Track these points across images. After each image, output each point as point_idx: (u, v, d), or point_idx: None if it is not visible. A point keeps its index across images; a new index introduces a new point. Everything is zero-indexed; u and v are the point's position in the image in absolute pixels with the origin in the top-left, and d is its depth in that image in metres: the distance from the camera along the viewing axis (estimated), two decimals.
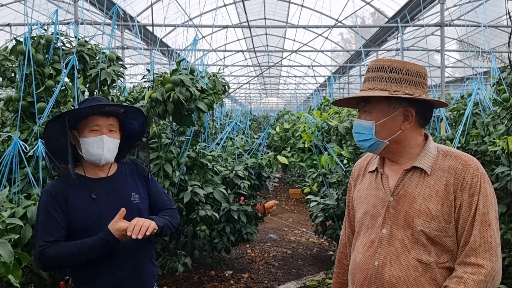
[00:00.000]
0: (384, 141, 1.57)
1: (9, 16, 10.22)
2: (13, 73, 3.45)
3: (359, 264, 1.61)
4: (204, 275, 4.86)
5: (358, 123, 1.63)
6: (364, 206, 1.67)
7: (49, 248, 1.81)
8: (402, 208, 1.55)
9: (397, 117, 1.56)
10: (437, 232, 1.48)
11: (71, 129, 1.96)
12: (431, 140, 1.63)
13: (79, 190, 1.94)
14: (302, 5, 15.24)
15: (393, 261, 1.52)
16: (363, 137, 1.60)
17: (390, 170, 1.65)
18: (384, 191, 1.62)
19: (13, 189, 2.62)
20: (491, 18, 11.81)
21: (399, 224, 1.54)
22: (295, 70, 22.21)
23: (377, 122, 1.56)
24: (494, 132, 3.49)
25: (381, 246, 1.56)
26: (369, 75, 1.60)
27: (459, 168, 1.51)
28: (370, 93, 1.54)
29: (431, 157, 1.57)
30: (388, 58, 1.62)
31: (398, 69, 1.55)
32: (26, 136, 2.98)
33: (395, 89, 1.53)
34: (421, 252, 1.49)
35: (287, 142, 6.89)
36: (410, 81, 1.54)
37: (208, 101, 3.48)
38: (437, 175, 1.53)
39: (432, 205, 1.49)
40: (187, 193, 3.72)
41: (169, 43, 14.17)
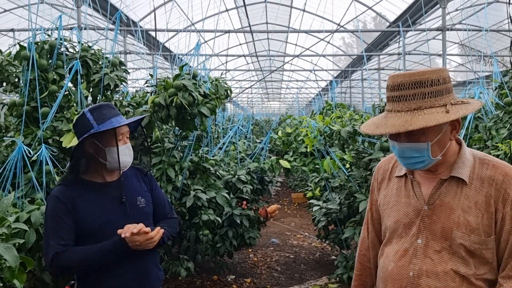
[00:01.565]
0: (438, 157, 1.48)
1: (13, 22, 10.28)
2: (17, 78, 3.47)
3: (391, 273, 1.57)
4: (207, 280, 4.86)
5: (409, 147, 1.47)
6: (394, 213, 1.62)
7: (62, 254, 1.82)
8: (439, 218, 1.50)
9: (447, 130, 1.48)
10: (477, 245, 1.44)
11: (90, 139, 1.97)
12: (465, 147, 1.56)
13: (86, 195, 1.95)
14: (304, 9, 15.29)
15: (430, 272, 1.48)
16: (415, 160, 1.48)
17: (421, 177, 1.58)
18: (416, 199, 1.56)
19: (17, 193, 2.64)
20: (493, 22, 11.82)
21: (436, 235, 1.50)
22: (297, 75, 22.26)
23: (433, 142, 1.45)
24: (497, 136, 3.49)
25: (416, 257, 1.52)
26: (406, 93, 1.44)
27: (500, 179, 1.45)
28: (434, 119, 1.39)
29: (468, 165, 1.50)
30: (419, 71, 1.46)
31: (437, 80, 1.43)
32: (30, 141, 2.99)
33: (442, 103, 1.42)
34: (459, 263, 1.46)
35: (289, 147, 6.90)
36: (447, 89, 1.45)
37: (211, 105, 3.50)
38: (475, 186, 1.47)
39: (472, 218, 1.45)
40: (190, 198, 3.72)
41: (171, 48, 14.23)
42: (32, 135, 3.05)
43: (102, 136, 1.95)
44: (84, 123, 1.96)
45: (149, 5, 10.80)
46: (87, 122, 1.94)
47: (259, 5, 15.29)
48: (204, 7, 9.58)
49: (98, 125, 1.93)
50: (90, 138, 1.95)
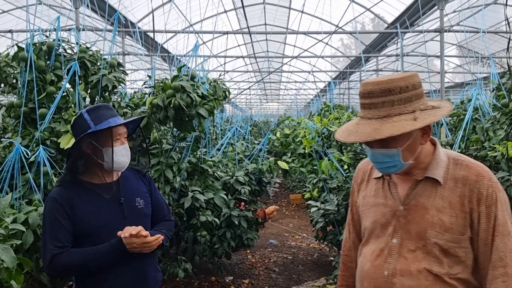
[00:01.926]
0: (409, 162, 1.51)
1: (11, 23, 10.27)
2: (14, 79, 3.47)
3: (367, 272, 1.60)
4: (205, 281, 4.86)
5: (380, 153, 1.50)
6: (372, 214, 1.64)
7: (60, 256, 1.82)
8: (414, 218, 1.52)
9: (417, 135, 1.50)
10: (451, 243, 1.47)
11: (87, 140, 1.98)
12: (440, 147, 1.59)
13: (84, 196, 1.95)
14: (302, 11, 15.30)
15: (403, 271, 1.50)
16: (387, 164, 1.51)
17: (398, 178, 1.61)
18: (393, 200, 1.59)
19: (14, 195, 2.63)
20: (490, 24, 11.85)
21: (411, 234, 1.52)
22: (295, 76, 22.28)
23: (403, 148, 1.48)
24: (494, 137, 3.50)
25: (391, 256, 1.54)
26: (376, 101, 1.46)
27: (473, 179, 1.48)
28: (398, 128, 1.42)
29: (442, 166, 1.53)
30: (385, 78, 1.49)
31: (406, 87, 1.45)
32: (28, 142, 2.99)
33: (411, 110, 1.44)
34: (433, 263, 1.48)
35: (287, 148, 6.90)
36: (417, 94, 1.47)
37: (209, 107, 3.50)
38: (450, 186, 1.50)
39: (446, 217, 1.47)
40: (188, 199, 3.72)
41: (169, 49, 14.22)
42: (30, 136, 3.05)
43: (99, 136, 1.95)
44: (81, 123, 1.96)
45: (147, 6, 10.80)
46: (85, 122, 1.95)
47: (258, 7, 15.31)
48: (203, 8, 9.58)
49: (95, 126, 1.93)
50: (87, 139, 1.95)
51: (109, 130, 1.95)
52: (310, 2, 14.43)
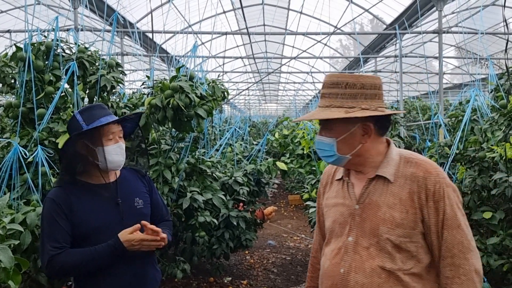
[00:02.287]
0: (346, 156, 1.60)
1: (9, 23, 10.25)
2: (13, 79, 3.47)
3: (326, 271, 1.65)
4: (203, 282, 4.85)
5: (320, 140, 1.65)
6: (333, 214, 1.70)
7: (58, 256, 1.82)
8: (368, 216, 1.58)
9: (356, 132, 1.58)
10: (402, 238, 1.52)
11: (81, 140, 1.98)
12: (393, 147, 1.66)
13: (82, 197, 1.95)
14: (301, 12, 15.31)
15: (358, 268, 1.55)
16: (326, 153, 1.63)
17: (355, 179, 1.68)
18: (350, 200, 1.65)
19: (12, 195, 2.63)
20: (489, 25, 11.87)
21: (365, 232, 1.58)
22: (294, 77, 22.28)
23: (338, 139, 1.59)
24: (492, 138, 3.50)
25: (347, 254, 1.59)
26: (325, 91, 1.61)
27: (421, 176, 1.54)
28: (327, 114, 1.56)
29: (393, 164, 1.60)
30: (342, 73, 1.63)
31: (353, 84, 1.56)
32: (26, 142, 2.99)
33: (351, 105, 1.55)
34: (386, 259, 1.53)
35: (286, 148, 6.90)
36: (365, 94, 1.56)
37: (208, 107, 3.50)
38: (400, 183, 1.56)
39: (397, 213, 1.53)
40: (186, 199, 3.72)
41: (168, 50, 14.21)
42: (28, 136, 3.04)
43: (92, 136, 1.95)
44: (74, 125, 1.97)
45: (146, 7, 10.80)
46: (77, 123, 1.95)
47: (256, 7, 15.31)
48: (201, 9, 9.58)
49: (87, 126, 1.93)
50: (80, 139, 1.95)
51: (100, 129, 1.94)
52: (309, 3, 14.44)
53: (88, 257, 1.84)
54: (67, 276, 2.05)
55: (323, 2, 13.37)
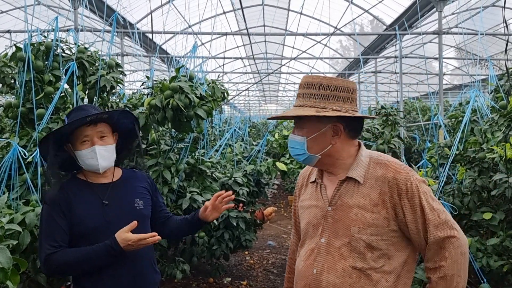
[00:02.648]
0: (316, 155, 1.64)
1: (9, 23, 10.25)
2: (12, 79, 3.46)
3: (300, 272, 1.69)
4: (203, 282, 4.85)
5: (292, 138, 1.69)
6: (307, 216, 1.74)
7: (55, 255, 1.81)
8: (340, 217, 1.62)
9: (326, 133, 1.63)
10: (373, 236, 1.56)
11: (66, 143, 1.98)
12: (363, 149, 1.70)
13: (82, 196, 1.94)
14: (301, 12, 15.30)
15: (330, 269, 1.59)
16: (297, 151, 1.67)
17: (327, 181, 1.72)
18: (322, 201, 1.69)
19: (11, 195, 2.63)
20: (489, 26, 11.88)
21: (337, 233, 1.61)
22: (294, 77, 22.28)
23: (308, 138, 1.63)
24: (492, 139, 3.50)
25: (319, 255, 1.63)
26: (300, 92, 1.67)
27: (391, 176, 1.58)
28: (298, 112, 1.61)
29: (362, 166, 1.64)
30: (317, 75, 1.69)
31: (326, 86, 1.61)
32: (25, 143, 2.98)
33: (323, 106, 1.59)
34: (356, 259, 1.56)
35: (286, 149, 6.90)
36: (338, 96, 1.61)
37: (207, 108, 3.50)
38: (370, 184, 1.60)
39: (367, 214, 1.57)
40: (186, 200, 3.71)
41: (168, 50, 14.22)
42: (27, 136, 3.04)
43: (71, 140, 1.95)
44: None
45: (146, 7, 10.80)
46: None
47: (256, 8, 15.31)
48: (201, 9, 9.58)
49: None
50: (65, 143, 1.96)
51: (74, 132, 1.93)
52: (309, 4, 14.43)
53: (84, 257, 1.83)
54: (64, 275, 2.04)
55: (323, 3, 13.37)
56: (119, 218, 1.90)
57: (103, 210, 1.94)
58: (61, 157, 1.99)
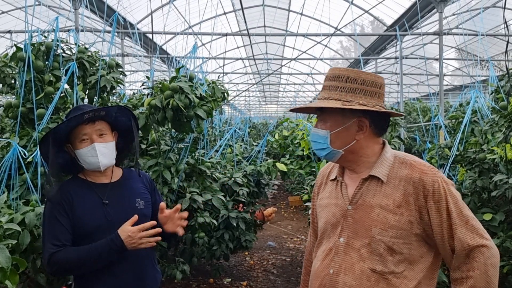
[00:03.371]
0: (339, 150, 1.58)
1: (10, 23, 10.26)
2: (13, 79, 3.46)
3: (316, 271, 1.63)
4: (203, 283, 4.84)
5: (314, 132, 1.64)
6: (325, 214, 1.68)
7: (58, 253, 1.81)
8: (360, 217, 1.55)
9: (351, 127, 1.57)
10: (395, 239, 1.48)
11: (66, 143, 1.98)
12: (387, 148, 1.63)
13: (84, 196, 1.94)
14: (302, 13, 15.31)
15: (347, 270, 1.53)
16: (319, 146, 1.61)
17: (349, 179, 1.66)
18: (342, 200, 1.63)
19: (11, 195, 2.62)
20: (489, 27, 11.88)
21: (357, 233, 1.55)
22: (294, 78, 22.28)
23: (332, 132, 1.57)
24: (492, 140, 3.49)
25: (337, 255, 1.57)
26: (326, 84, 1.61)
27: (416, 177, 1.50)
28: (324, 104, 1.55)
29: (387, 165, 1.57)
30: (345, 68, 1.62)
31: (354, 79, 1.55)
32: (26, 143, 2.98)
33: (349, 99, 1.53)
34: (376, 262, 1.50)
35: (286, 150, 6.89)
36: (365, 91, 1.55)
37: (207, 108, 3.50)
38: (394, 184, 1.53)
39: (390, 215, 1.50)
40: (186, 200, 3.71)
41: (169, 51, 14.23)
42: (27, 136, 3.04)
43: (71, 139, 1.95)
44: None
45: (146, 8, 10.80)
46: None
47: (257, 8, 15.31)
48: (202, 10, 9.58)
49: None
50: (65, 143, 1.96)
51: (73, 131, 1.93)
52: (309, 4, 14.45)
53: (87, 253, 1.83)
54: (68, 273, 2.04)
55: (324, 4, 13.38)
56: (120, 217, 1.90)
57: (104, 210, 1.94)
58: (62, 158, 1.99)
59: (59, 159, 1.97)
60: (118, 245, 1.83)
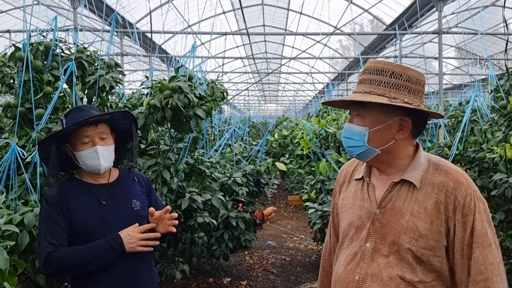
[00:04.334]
0: (376, 150, 1.48)
1: (9, 23, 10.25)
2: (12, 79, 3.45)
3: (340, 277, 1.55)
4: (203, 283, 4.84)
5: (349, 127, 1.52)
6: (349, 216, 1.59)
7: (55, 253, 1.81)
8: (389, 222, 1.47)
9: (392, 126, 1.47)
10: (424, 250, 1.41)
11: (65, 144, 1.97)
12: (421, 151, 1.55)
13: (80, 196, 1.94)
14: (301, 12, 15.31)
15: (374, 277, 1.45)
16: (353, 143, 1.50)
17: (377, 180, 1.57)
18: (370, 202, 1.54)
19: (10, 195, 2.62)
20: (489, 26, 11.87)
21: (385, 239, 1.47)
22: (293, 77, 22.28)
23: (371, 129, 1.47)
24: (492, 139, 3.49)
25: (363, 260, 1.49)
26: (367, 77, 1.49)
27: (450, 186, 1.42)
28: (367, 98, 1.43)
29: (421, 169, 1.48)
30: (388, 61, 1.51)
31: (399, 75, 1.45)
32: (24, 143, 2.97)
33: (394, 96, 1.43)
34: (405, 269, 1.42)
35: (285, 149, 6.89)
36: (409, 88, 1.45)
37: (207, 107, 3.49)
38: (426, 190, 1.45)
39: (420, 223, 1.42)
40: (185, 200, 3.71)
41: (168, 50, 14.22)
42: (26, 136, 3.03)
43: (70, 140, 1.95)
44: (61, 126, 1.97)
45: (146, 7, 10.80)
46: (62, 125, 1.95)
47: (256, 8, 15.31)
48: (201, 9, 9.57)
49: None
50: (64, 143, 1.96)
51: (75, 132, 1.92)
52: (309, 3, 14.45)
53: (85, 252, 1.83)
54: (64, 274, 2.04)
55: (323, 3, 13.38)
56: (116, 218, 1.91)
57: (100, 211, 1.94)
58: (58, 157, 1.99)
59: (56, 159, 1.97)
60: (118, 244, 1.83)
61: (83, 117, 1.91)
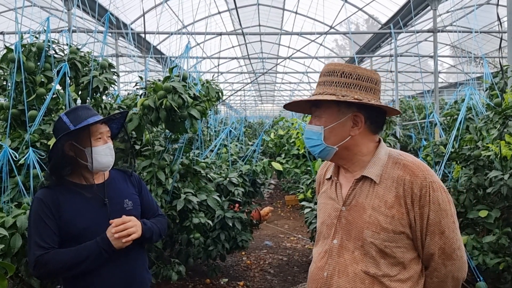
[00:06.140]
0: (333, 147, 1.54)
1: (3, 25, 10.20)
2: (4, 81, 3.43)
3: (311, 274, 1.61)
4: (199, 283, 4.82)
5: (308, 128, 1.59)
6: (322, 215, 1.65)
7: (45, 256, 1.80)
8: (353, 219, 1.52)
9: (346, 123, 1.52)
10: (387, 242, 1.45)
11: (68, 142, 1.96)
12: (382, 146, 1.59)
13: (70, 198, 1.92)
14: (296, 12, 15.32)
15: (341, 273, 1.50)
16: (313, 142, 1.56)
17: (343, 178, 1.62)
18: (337, 200, 1.59)
19: (3, 198, 2.60)
20: (483, 24, 11.91)
21: (350, 235, 1.51)
22: (289, 77, 22.28)
23: (326, 127, 1.53)
24: (487, 136, 3.49)
25: (331, 257, 1.54)
26: (321, 80, 1.57)
27: (407, 179, 1.46)
28: (317, 97, 1.51)
29: (380, 164, 1.53)
30: (340, 63, 1.59)
31: (349, 74, 1.52)
32: (17, 145, 2.95)
33: (344, 94, 1.49)
34: (369, 264, 1.47)
35: (281, 149, 6.89)
36: (360, 86, 1.51)
37: (201, 108, 3.47)
38: (386, 185, 1.49)
39: (381, 217, 1.46)
40: (180, 201, 3.69)
41: (163, 50, 14.18)
42: (19, 138, 3.01)
43: (79, 137, 1.93)
44: (61, 126, 1.95)
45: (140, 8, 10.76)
46: (64, 125, 1.93)
47: (251, 8, 15.29)
48: (195, 9, 9.55)
49: (74, 127, 1.92)
50: (68, 140, 1.93)
51: (88, 129, 1.93)
52: (304, 3, 14.45)
53: (75, 254, 1.82)
54: (55, 276, 2.02)
55: (318, 2, 13.38)
56: (108, 219, 1.89)
57: (92, 211, 1.93)
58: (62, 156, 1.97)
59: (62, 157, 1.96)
60: (106, 244, 1.84)
61: (93, 115, 1.94)
